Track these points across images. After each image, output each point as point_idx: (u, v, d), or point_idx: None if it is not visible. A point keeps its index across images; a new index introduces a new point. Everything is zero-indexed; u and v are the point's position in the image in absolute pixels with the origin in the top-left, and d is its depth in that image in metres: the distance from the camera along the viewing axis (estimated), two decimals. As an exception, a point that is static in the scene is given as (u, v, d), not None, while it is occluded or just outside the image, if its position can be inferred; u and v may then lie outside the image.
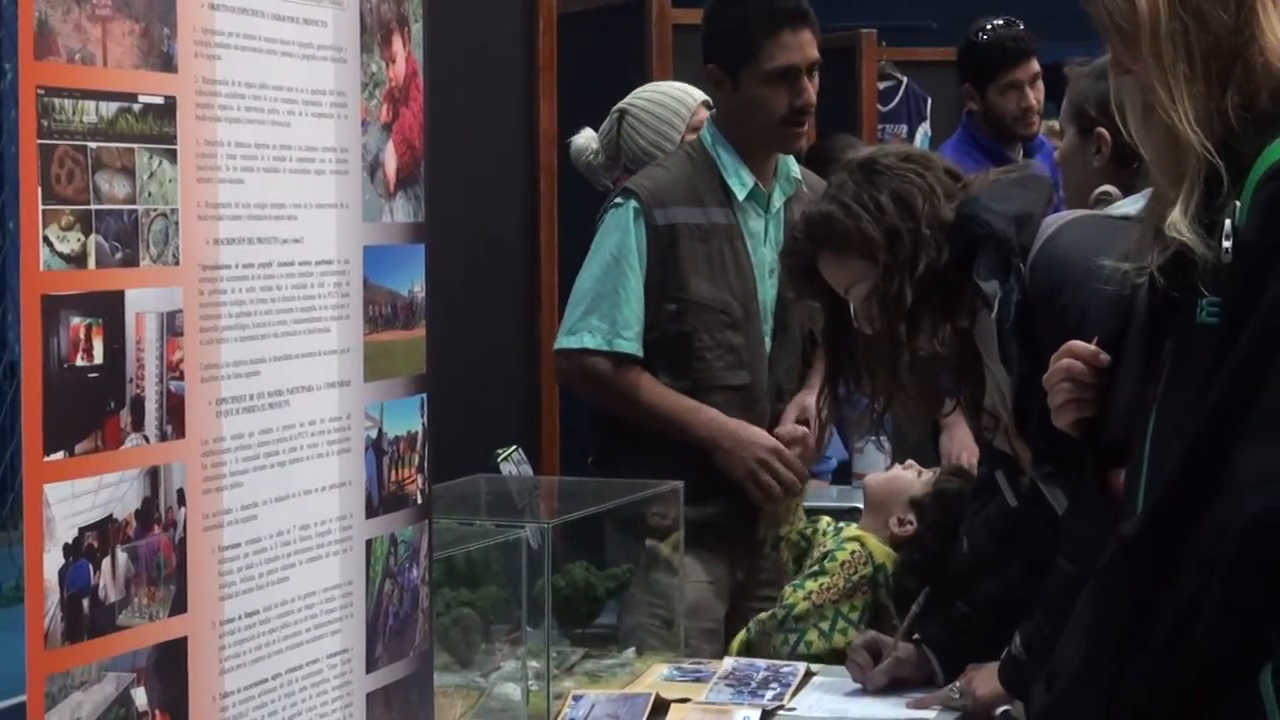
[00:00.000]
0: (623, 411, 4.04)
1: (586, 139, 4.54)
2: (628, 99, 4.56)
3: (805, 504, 4.23)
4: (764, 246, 4.09)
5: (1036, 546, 3.10)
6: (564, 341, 4.06)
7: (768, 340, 4.10)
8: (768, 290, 4.08)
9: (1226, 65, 2.15)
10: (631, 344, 4.00)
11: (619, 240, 4.01)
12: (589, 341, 4.00)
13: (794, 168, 4.21)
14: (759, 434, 4.01)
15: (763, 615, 3.76)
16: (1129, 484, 2.25)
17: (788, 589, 3.77)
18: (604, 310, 4.00)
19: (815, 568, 3.77)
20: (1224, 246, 2.09)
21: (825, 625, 3.65)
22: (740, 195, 4.07)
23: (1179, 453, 2.09)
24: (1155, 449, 2.20)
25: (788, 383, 4.13)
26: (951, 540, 3.55)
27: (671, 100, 4.59)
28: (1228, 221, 2.09)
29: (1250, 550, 2.01)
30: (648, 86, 4.73)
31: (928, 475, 3.81)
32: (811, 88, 4.06)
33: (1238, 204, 2.10)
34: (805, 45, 4.05)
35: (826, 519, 4.01)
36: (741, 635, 3.79)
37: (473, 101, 4.60)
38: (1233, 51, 2.15)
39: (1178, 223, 2.12)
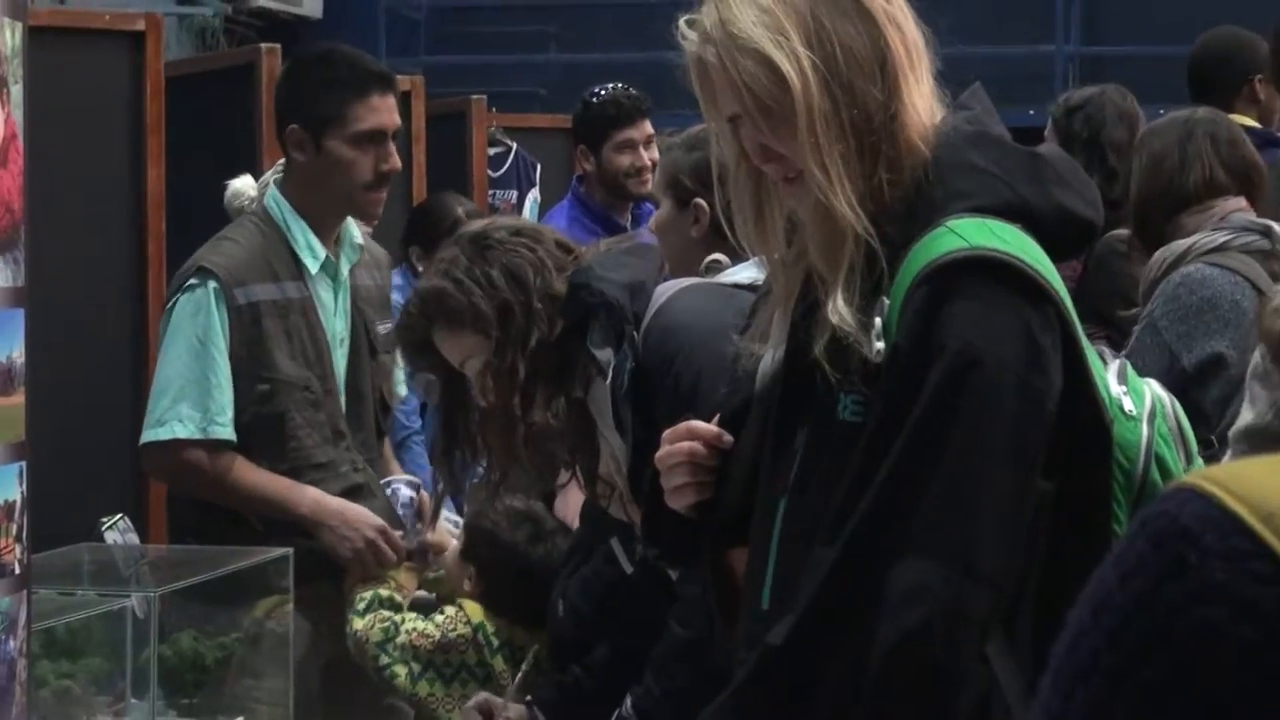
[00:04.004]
0: (222, 499, 3.93)
1: (244, 184, 4.33)
2: None
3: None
4: (334, 317, 4.05)
5: (650, 611, 3.15)
6: (154, 434, 3.91)
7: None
8: (339, 361, 4.04)
9: (877, 142, 2.12)
10: (227, 429, 3.88)
11: (203, 323, 3.88)
12: (181, 431, 3.87)
13: (356, 234, 4.15)
14: (364, 513, 3.96)
15: (385, 612, 3.72)
16: (753, 574, 2.23)
17: (408, 615, 3.76)
18: (195, 398, 3.87)
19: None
20: (875, 346, 2.07)
21: (417, 667, 3.65)
22: (314, 268, 4.00)
23: (829, 561, 2.06)
24: (785, 543, 2.17)
25: (364, 452, 4.09)
26: (505, 572, 3.63)
27: None
28: (878, 320, 2.07)
29: (899, 667, 2.02)
30: None
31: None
32: (395, 154, 4.04)
33: (886, 301, 2.08)
34: (392, 110, 4.04)
35: None
36: (358, 620, 3.73)
37: (78, 165, 4.51)
38: (882, 127, 2.12)
39: (842, 309, 2.08)
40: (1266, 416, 2.83)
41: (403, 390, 4.41)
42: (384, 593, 3.78)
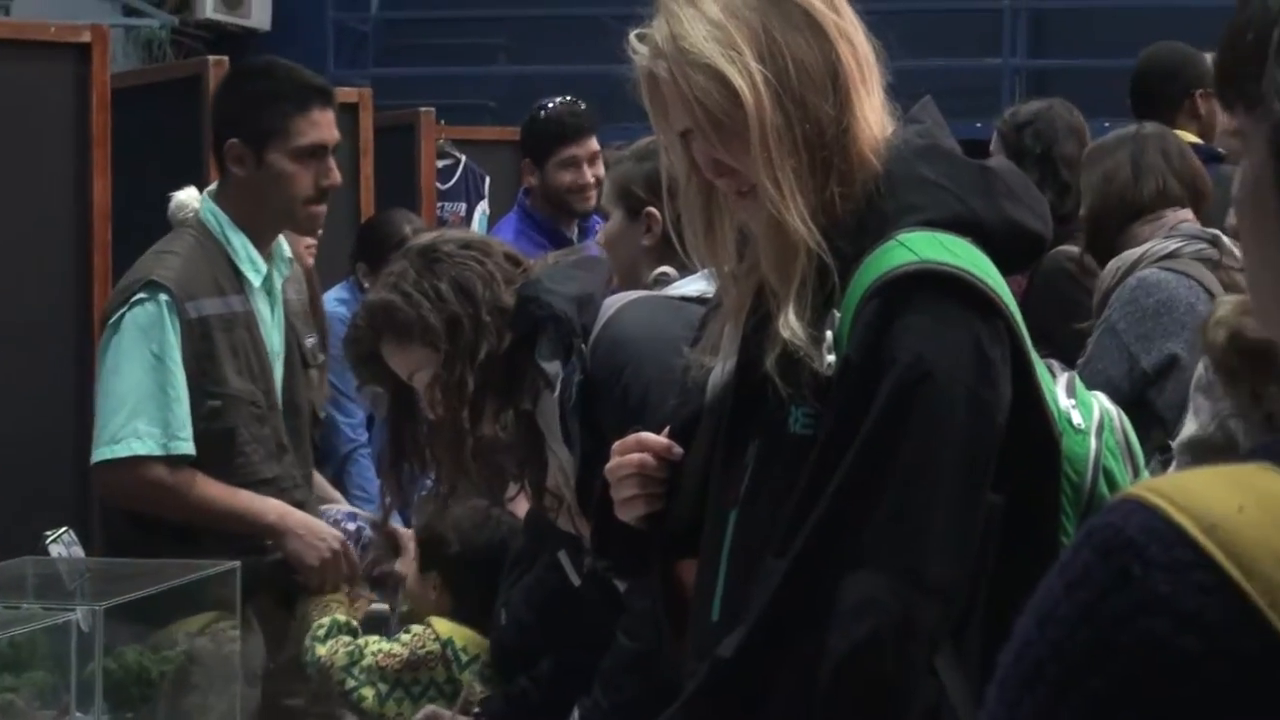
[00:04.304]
0: (184, 516, 3.87)
1: (189, 196, 4.20)
2: None
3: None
4: (272, 331, 4.01)
5: (598, 623, 3.15)
6: (110, 451, 3.83)
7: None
8: (278, 375, 4.01)
9: (829, 156, 2.13)
10: (188, 444, 3.82)
11: (158, 337, 3.82)
12: (140, 448, 3.80)
13: (286, 248, 4.12)
14: (327, 526, 3.96)
15: (346, 637, 3.71)
16: (704, 585, 2.23)
17: (370, 638, 3.75)
18: (152, 413, 3.81)
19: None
20: (826, 359, 2.08)
21: (384, 688, 3.64)
22: (256, 282, 3.96)
23: (779, 573, 2.06)
24: (735, 555, 2.18)
25: (301, 468, 4.07)
26: (465, 570, 3.64)
27: None
28: (829, 333, 2.08)
29: (849, 679, 2.03)
30: None
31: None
32: (336, 169, 4.02)
33: (837, 314, 2.09)
34: (331, 124, 4.01)
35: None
36: (320, 647, 3.72)
37: (23, 176, 4.49)
38: (834, 141, 2.13)
39: (793, 323, 2.09)
40: (1209, 428, 2.86)
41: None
42: (341, 618, 3.77)
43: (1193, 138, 4.99)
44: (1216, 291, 3.89)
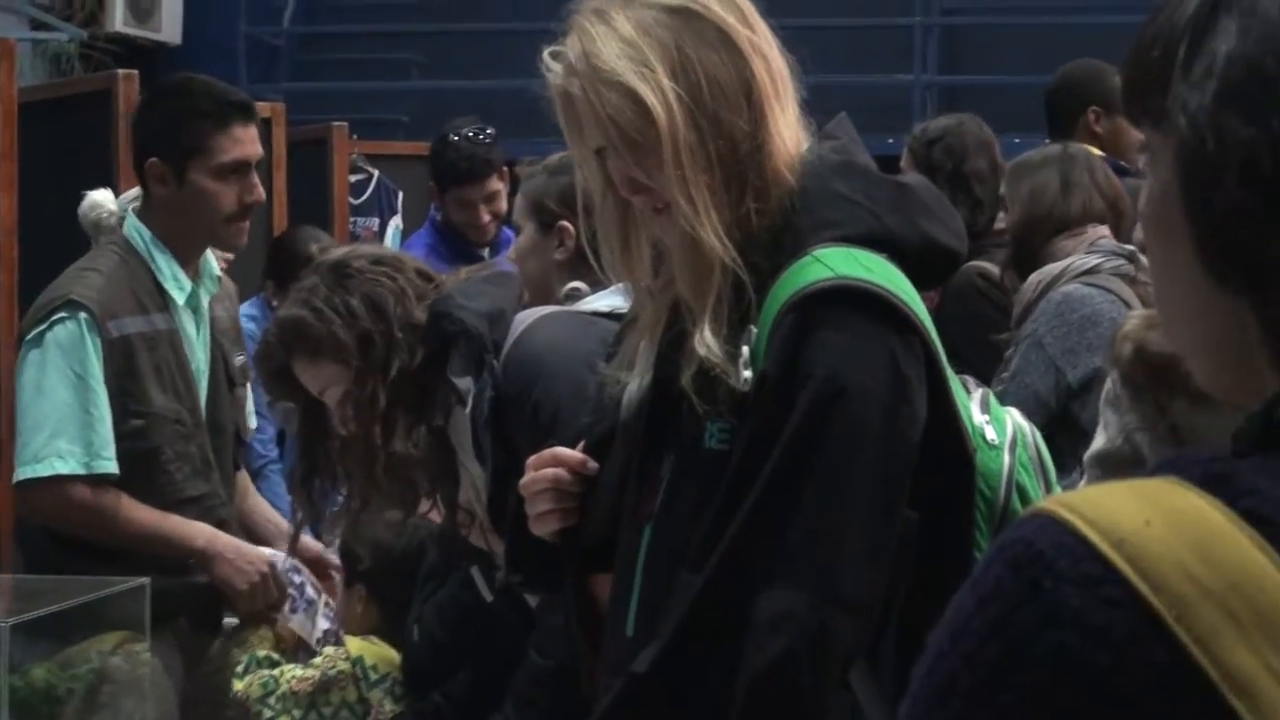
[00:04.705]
0: (108, 537, 3.82)
1: (104, 196, 4.16)
2: None
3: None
4: (197, 349, 3.99)
5: (510, 639, 3.15)
6: (31, 470, 3.80)
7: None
8: (204, 392, 3.98)
9: (744, 172, 2.13)
10: (111, 463, 3.79)
11: (79, 356, 3.79)
12: (62, 467, 3.77)
13: (214, 265, 4.10)
14: (256, 548, 3.94)
15: (264, 671, 3.69)
16: (619, 600, 2.23)
17: (286, 666, 3.73)
18: (73, 432, 3.77)
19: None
20: (743, 375, 2.08)
21: (298, 714, 3.63)
22: (181, 300, 3.94)
23: (695, 588, 2.06)
24: (650, 570, 2.18)
25: (225, 486, 4.04)
26: (388, 577, 3.63)
27: None
28: (745, 349, 2.08)
29: (765, 694, 2.02)
30: None
31: None
32: (259, 185, 3.99)
33: (754, 330, 2.09)
34: (254, 140, 3.99)
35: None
36: (238, 682, 3.70)
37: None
38: (749, 157, 2.13)
39: (709, 340, 2.09)
40: (1117, 441, 2.89)
41: (253, 422, 4.37)
42: (260, 653, 3.74)
43: (1098, 153, 5.04)
44: (1135, 306, 3.95)
